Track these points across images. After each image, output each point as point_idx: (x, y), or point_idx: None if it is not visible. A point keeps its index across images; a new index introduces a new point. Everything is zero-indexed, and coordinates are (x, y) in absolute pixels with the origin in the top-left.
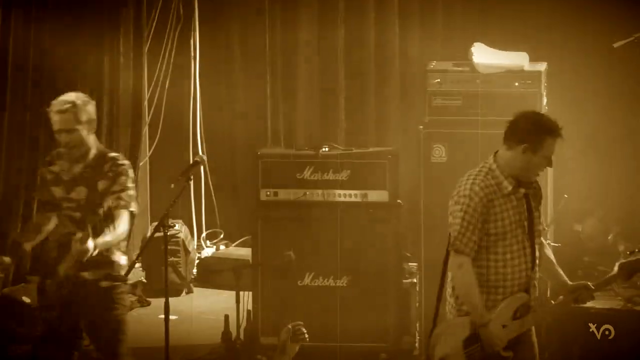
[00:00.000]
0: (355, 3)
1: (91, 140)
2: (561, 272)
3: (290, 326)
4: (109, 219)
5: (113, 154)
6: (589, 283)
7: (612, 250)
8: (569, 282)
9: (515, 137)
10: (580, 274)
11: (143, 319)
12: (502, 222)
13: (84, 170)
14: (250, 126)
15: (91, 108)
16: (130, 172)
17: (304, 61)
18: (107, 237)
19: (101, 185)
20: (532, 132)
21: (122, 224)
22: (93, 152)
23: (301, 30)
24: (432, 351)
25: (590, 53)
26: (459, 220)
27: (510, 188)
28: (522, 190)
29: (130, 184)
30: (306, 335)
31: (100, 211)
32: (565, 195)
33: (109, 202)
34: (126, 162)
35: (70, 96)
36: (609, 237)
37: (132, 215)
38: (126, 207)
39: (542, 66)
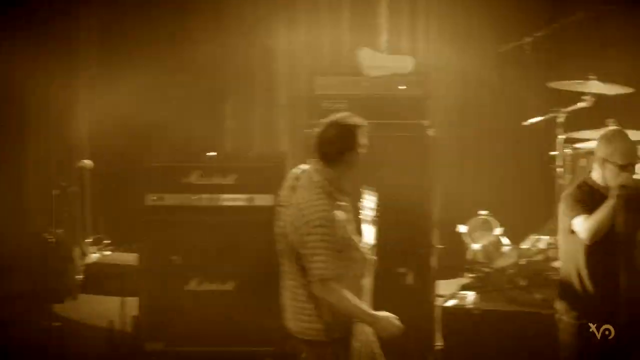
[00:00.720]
0: (243, 7)
1: None
2: None
3: None
4: None
5: None
6: None
7: (495, 251)
8: None
9: (332, 154)
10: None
11: (25, 326)
12: (350, 234)
13: None
14: (136, 131)
15: None
16: None
17: (189, 64)
18: None
19: None
20: (348, 145)
21: None
22: None
23: (188, 34)
24: None
25: (476, 57)
26: (323, 250)
27: (343, 201)
28: (348, 199)
29: None
30: None
31: None
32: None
33: None
34: None
35: None
36: (492, 238)
37: None
38: None
39: (427, 69)
